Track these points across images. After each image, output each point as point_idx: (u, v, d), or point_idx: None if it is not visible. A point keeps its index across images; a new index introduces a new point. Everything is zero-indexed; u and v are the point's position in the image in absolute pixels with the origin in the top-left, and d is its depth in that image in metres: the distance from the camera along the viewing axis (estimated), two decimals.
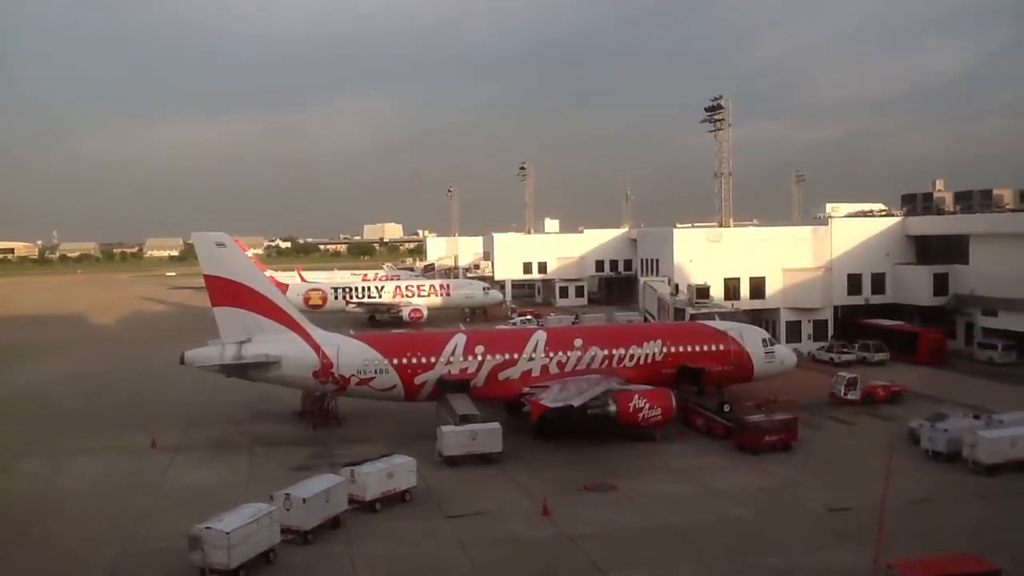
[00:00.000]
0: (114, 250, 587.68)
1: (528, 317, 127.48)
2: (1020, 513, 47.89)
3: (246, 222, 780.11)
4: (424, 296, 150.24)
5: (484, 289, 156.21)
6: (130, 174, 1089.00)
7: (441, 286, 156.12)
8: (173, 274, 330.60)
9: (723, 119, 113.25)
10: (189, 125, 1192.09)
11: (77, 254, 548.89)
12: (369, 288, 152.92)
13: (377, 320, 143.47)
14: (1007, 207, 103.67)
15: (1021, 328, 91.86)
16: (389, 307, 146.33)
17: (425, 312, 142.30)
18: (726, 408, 68.30)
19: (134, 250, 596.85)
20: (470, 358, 68.34)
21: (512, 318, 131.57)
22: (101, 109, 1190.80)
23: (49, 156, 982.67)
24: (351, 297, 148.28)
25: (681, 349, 71.34)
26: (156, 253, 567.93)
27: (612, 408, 61.36)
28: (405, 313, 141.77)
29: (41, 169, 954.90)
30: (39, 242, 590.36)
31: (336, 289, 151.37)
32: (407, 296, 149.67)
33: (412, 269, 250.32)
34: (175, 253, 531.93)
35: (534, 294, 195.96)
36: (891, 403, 74.46)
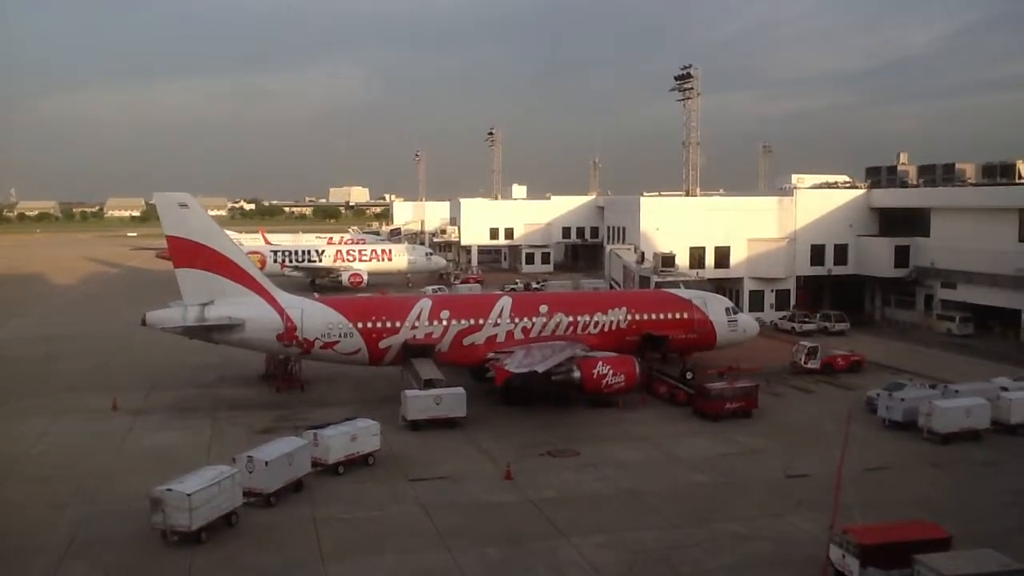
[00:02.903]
0: (74, 209, 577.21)
1: (439, 287, 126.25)
2: (972, 481, 49.04)
3: (210, 183, 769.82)
4: (365, 261, 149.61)
5: (427, 255, 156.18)
6: (91, 132, 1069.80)
7: (383, 251, 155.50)
8: (135, 234, 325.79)
9: (692, 88, 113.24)
10: (153, 85, 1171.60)
11: (36, 213, 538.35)
12: (309, 252, 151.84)
13: (317, 284, 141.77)
14: (969, 181, 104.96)
15: (978, 301, 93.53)
16: (328, 271, 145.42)
17: (365, 277, 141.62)
18: (689, 376, 69.02)
19: (95, 209, 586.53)
20: (435, 323, 68.25)
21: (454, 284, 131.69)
22: (63, 66, 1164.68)
23: (7, 112, 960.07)
24: (290, 261, 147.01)
25: (646, 317, 71.77)
26: (117, 213, 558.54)
27: (576, 375, 61.71)
28: (345, 278, 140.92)
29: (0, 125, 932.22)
30: None
31: (275, 252, 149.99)
32: (348, 260, 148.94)
33: (378, 233, 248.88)
34: (137, 213, 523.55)
35: (500, 260, 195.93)
36: (850, 372, 75.57)
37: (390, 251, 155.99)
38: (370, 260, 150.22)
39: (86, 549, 39.27)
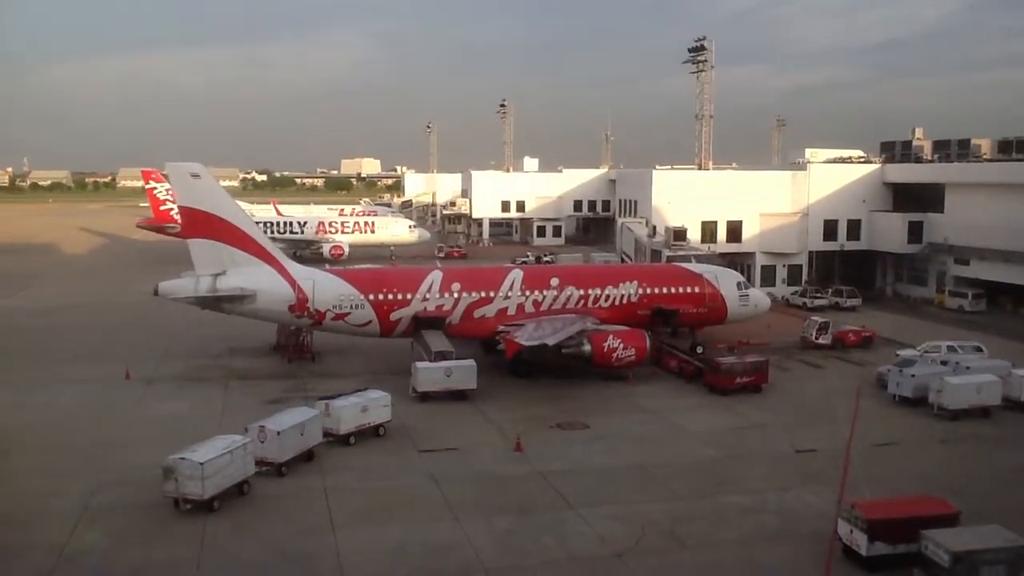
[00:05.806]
0: (86, 179, 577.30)
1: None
2: (981, 458, 49.05)
3: (222, 154, 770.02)
4: (347, 233, 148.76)
5: (410, 227, 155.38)
6: (105, 103, 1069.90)
7: (366, 223, 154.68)
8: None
9: (706, 60, 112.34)
10: (166, 54, 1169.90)
11: (48, 182, 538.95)
12: (291, 223, 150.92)
13: (299, 256, 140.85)
14: (984, 157, 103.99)
15: (992, 277, 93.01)
16: (309, 243, 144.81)
17: (347, 249, 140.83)
18: (699, 350, 68.99)
19: (107, 179, 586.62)
20: (446, 295, 68.31)
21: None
22: (76, 36, 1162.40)
23: (21, 82, 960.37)
24: (270, 232, 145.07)
25: (657, 291, 71.63)
26: (129, 183, 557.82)
27: (586, 348, 61.81)
28: (326, 250, 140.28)
29: (12, 95, 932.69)
30: (9, 169, 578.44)
31: (257, 224, 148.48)
32: (330, 232, 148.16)
33: (390, 205, 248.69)
34: None
35: (512, 233, 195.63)
36: (861, 348, 75.45)
37: (372, 223, 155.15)
38: (352, 232, 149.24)
39: (99, 517, 39.71)
